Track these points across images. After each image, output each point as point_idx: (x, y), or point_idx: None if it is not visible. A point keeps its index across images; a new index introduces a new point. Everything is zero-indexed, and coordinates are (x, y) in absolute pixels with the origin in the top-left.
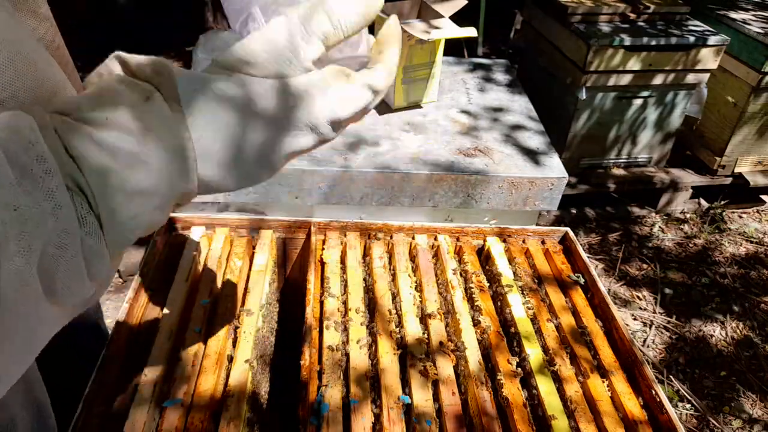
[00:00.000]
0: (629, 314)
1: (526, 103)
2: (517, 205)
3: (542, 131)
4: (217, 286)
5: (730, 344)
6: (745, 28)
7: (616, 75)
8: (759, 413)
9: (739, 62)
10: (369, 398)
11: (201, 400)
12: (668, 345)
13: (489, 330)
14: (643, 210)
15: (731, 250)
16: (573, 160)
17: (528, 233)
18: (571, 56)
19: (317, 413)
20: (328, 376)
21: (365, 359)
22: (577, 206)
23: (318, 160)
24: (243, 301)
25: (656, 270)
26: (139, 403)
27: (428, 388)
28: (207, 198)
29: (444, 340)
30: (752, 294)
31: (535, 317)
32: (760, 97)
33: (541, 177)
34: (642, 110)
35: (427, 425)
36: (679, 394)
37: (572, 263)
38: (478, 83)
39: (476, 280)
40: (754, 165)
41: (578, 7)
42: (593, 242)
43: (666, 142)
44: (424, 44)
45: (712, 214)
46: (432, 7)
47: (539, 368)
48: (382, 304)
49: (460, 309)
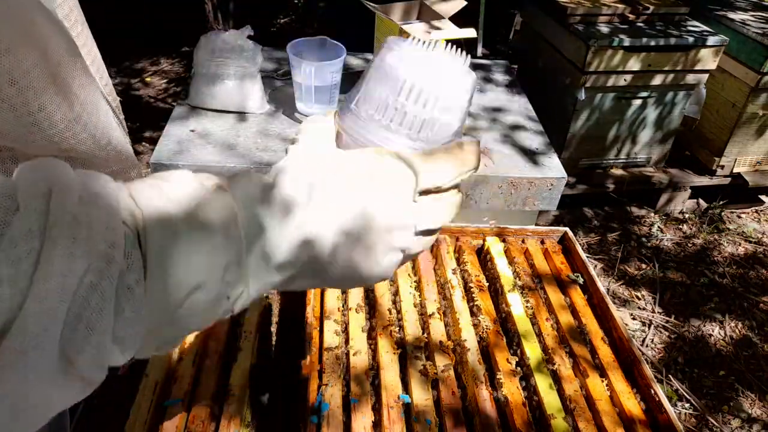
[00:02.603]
0: (628, 314)
1: (526, 103)
2: (516, 205)
3: (541, 131)
4: None
5: (729, 344)
6: (744, 29)
7: (616, 75)
8: (758, 413)
9: (738, 63)
10: (369, 397)
11: (201, 400)
12: (667, 344)
13: (488, 329)
14: (642, 210)
15: (730, 250)
16: (572, 161)
17: (527, 233)
18: (570, 57)
19: (317, 412)
20: (329, 376)
21: (365, 358)
22: (576, 206)
23: None
24: None
25: (655, 270)
26: (140, 402)
27: (428, 387)
28: None
29: (444, 339)
30: (751, 294)
31: (534, 317)
32: (758, 98)
33: (540, 177)
34: (641, 110)
35: (426, 424)
36: (678, 393)
37: (571, 263)
38: (478, 84)
39: (476, 280)
40: (753, 165)
41: (577, 8)
42: (592, 242)
43: (665, 142)
44: None
45: (711, 214)
46: (432, 8)
47: (538, 367)
48: (382, 303)
49: (459, 308)
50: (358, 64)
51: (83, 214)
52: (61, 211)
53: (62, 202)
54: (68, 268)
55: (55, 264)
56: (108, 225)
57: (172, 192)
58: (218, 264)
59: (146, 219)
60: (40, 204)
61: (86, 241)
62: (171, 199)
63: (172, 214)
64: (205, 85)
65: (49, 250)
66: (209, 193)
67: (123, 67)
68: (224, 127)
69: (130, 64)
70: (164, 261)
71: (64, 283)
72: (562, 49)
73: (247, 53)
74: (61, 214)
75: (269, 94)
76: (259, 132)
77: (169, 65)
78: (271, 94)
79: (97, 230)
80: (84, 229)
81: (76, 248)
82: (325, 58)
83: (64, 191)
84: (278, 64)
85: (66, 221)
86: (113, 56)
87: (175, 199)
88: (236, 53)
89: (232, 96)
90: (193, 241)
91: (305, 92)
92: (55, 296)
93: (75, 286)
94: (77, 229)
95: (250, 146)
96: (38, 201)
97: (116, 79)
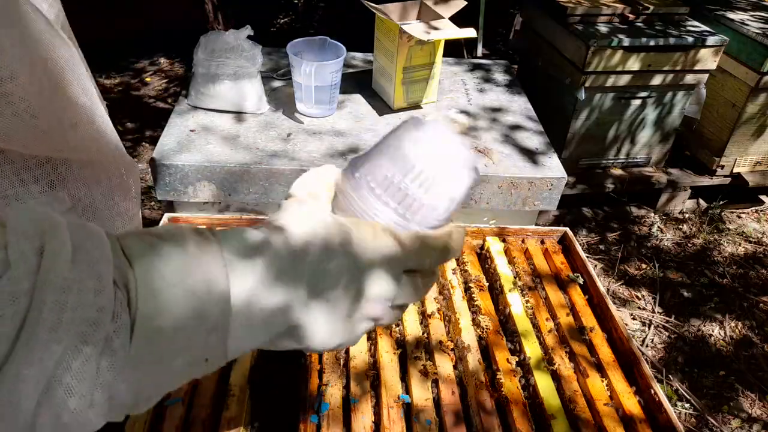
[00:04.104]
0: (628, 314)
1: (525, 103)
2: (516, 205)
3: (541, 131)
4: None
5: (728, 344)
6: (744, 29)
7: (615, 75)
8: (758, 412)
9: (738, 62)
10: (369, 397)
11: (202, 400)
12: (667, 344)
13: (488, 329)
14: (641, 210)
15: (730, 250)
16: (572, 160)
17: (527, 233)
18: (570, 57)
19: (317, 412)
20: (329, 375)
21: (365, 358)
22: (576, 206)
23: (318, 161)
24: None
25: (655, 270)
26: None
27: (428, 387)
28: (207, 198)
29: (444, 339)
30: (751, 294)
31: (534, 316)
32: (758, 98)
33: (540, 177)
34: (641, 110)
35: (426, 424)
36: (678, 393)
37: (571, 263)
38: (478, 84)
39: (476, 280)
40: (753, 165)
41: (577, 8)
42: (592, 242)
43: (665, 142)
44: (423, 45)
45: (711, 214)
46: (432, 8)
47: (538, 367)
48: None
49: (459, 308)
50: (358, 64)
51: (73, 280)
52: (52, 274)
53: (53, 263)
54: (54, 336)
55: (39, 333)
56: (98, 289)
57: (164, 250)
58: (203, 328)
59: (137, 278)
60: (32, 263)
61: (74, 309)
62: (162, 257)
63: (164, 275)
64: (205, 85)
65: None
66: (200, 251)
67: (123, 67)
68: (224, 127)
69: (130, 64)
70: (150, 324)
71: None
72: (562, 49)
73: (246, 53)
74: (52, 276)
75: (269, 94)
76: (259, 132)
77: (169, 65)
78: (271, 94)
79: (86, 296)
80: (74, 295)
81: (63, 315)
82: (325, 58)
83: (56, 251)
84: (278, 64)
85: (56, 285)
86: (113, 56)
87: (166, 256)
88: (236, 53)
89: (232, 96)
90: (180, 305)
91: (305, 92)
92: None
93: (59, 354)
94: (67, 295)
95: (249, 146)
96: (30, 259)
97: (116, 79)
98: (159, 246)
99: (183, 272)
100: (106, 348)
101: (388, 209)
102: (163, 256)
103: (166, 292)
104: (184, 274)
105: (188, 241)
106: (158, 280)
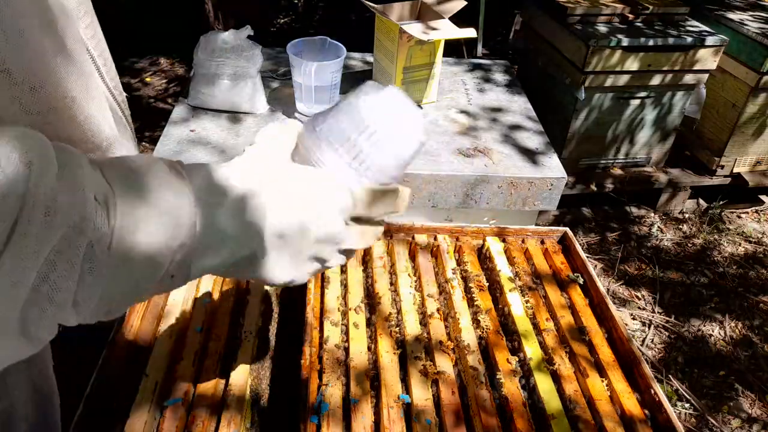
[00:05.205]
0: (628, 314)
1: (525, 103)
2: (516, 205)
3: (541, 131)
4: (217, 285)
5: (728, 344)
6: (744, 29)
7: (615, 75)
8: (758, 413)
9: (738, 62)
10: (369, 397)
11: (202, 400)
12: (667, 344)
13: (488, 329)
14: (641, 210)
15: (730, 250)
16: (572, 160)
17: (527, 233)
18: (570, 56)
19: (317, 412)
20: (329, 375)
21: (365, 358)
22: (575, 206)
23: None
24: (244, 301)
25: (655, 270)
26: (140, 402)
27: (428, 387)
28: None
29: (444, 339)
30: (751, 294)
31: (534, 316)
32: (758, 98)
33: (540, 177)
34: (641, 110)
35: (426, 424)
36: (678, 393)
37: (571, 263)
38: (478, 84)
39: (476, 280)
40: (753, 165)
41: (577, 8)
42: (592, 242)
43: (665, 142)
44: (423, 45)
45: (711, 214)
46: (432, 8)
47: (538, 367)
48: (382, 303)
49: (459, 308)
50: (358, 64)
51: (59, 190)
52: (41, 185)
53: (41, 175)
54: (45, 234)
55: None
56: (81, 201)
57: (141, 174)
58: (173, 244)
59: (116, 196)
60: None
61: (61, 213)
62: (139, 180)
63: (139, 194)
64: (205, 85)
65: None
66: (172, 179)
67: (123, 67)
68: (224, 127)
69: (130, 64)
70: (127, 237)
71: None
72: (562, 48)
73: (246, 53)
74: (41, 186)
75: (269, 94)
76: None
77: (169, 65)
78: (271, 94)
79: (71, 205)
80: (60, 203)
81: (52, 218)
82: (325, 58)
83: (44, 166)
84: (278, 64)
85: (43, 193)
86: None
87: (143, 180)
88: (236, 53)
89: (232, 96)
90: (153, 221)
91: (305, 92)
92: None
93: (46, 253)
94: (53, 202)
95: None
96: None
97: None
98: (137, 171)
99: (157, 195)
100: (88, 253)
101: (343, 162)
102: (140, 180)
103: (141, 210)
104: (158, 197)
105: (161, 169)
106: (135, 200)
